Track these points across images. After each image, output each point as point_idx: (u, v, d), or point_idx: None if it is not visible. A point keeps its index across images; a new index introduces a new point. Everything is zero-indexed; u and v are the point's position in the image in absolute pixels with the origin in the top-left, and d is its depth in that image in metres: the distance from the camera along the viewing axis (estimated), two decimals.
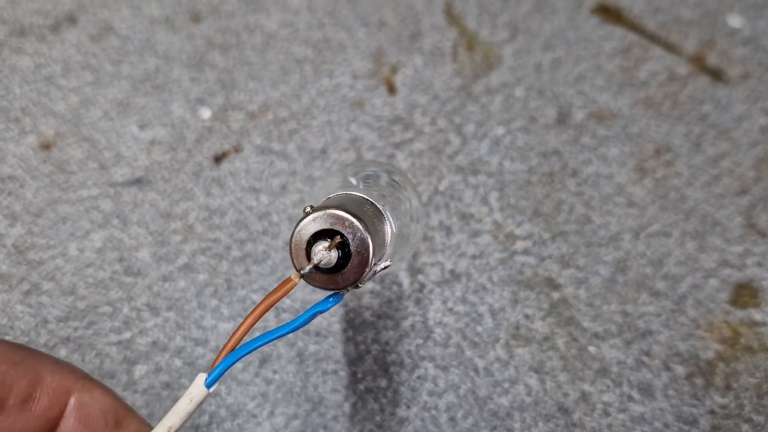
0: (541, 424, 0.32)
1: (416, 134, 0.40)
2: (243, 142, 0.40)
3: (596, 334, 0.34)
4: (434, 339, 0.34)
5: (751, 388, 0.32)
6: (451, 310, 0.34)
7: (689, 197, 0.38)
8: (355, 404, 0.32)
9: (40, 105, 0.41)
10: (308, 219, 0.19)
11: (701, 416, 0.32)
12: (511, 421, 0.32)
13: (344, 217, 0.19)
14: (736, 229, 0.37)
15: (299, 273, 0.19)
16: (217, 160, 0.39)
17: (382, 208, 0.21)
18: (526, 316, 0.34)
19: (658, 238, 0.36)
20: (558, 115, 0.41)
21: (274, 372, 0.33)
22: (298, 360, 0.33)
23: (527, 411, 0.32)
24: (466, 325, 0.34)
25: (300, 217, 0.19)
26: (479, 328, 0.34)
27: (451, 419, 0.32)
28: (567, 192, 0.38)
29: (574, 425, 0.31)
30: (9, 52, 0.43)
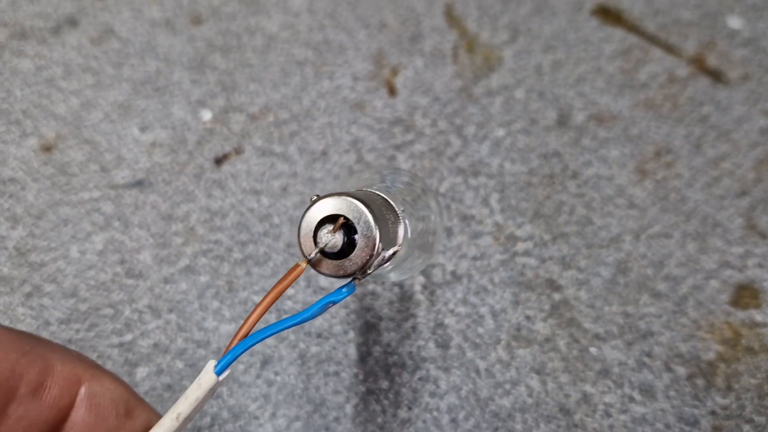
0: (542, 425, 0.32)
1: (417, 136, 0.40)
2: (244, 144, 0.40)
3: (597, 336, 0.34)
4: (435, 340, 0.34)
5: (752, 389, 0.32)
6: (452, 311, 0.34)
7: (690, 199, 0.38)
8: (356, 406, 0.32)
9: (41, 107, 0.41)
10: (314, 206, 0.19)
11: (702, 417, 0.32)
12: (512, 422, 0.32)
13: (349, 201, 0.19)
14: (736, 230, 0.37)
15: (306, 259, 0.19)
16: (218, 162, 0.39)
17: (397, 209, 0.21)
18: (528, 317, 0.34)
19: (658, 240, 0.36)
20: (558, 117, 0.41)
21: (276, 374, 0.33)
22: (299, 362, 0.33)
23: (529, 412, 0.32)
24: (468, 327, 0.34)
25: (307, 206, 0.19)
26: (480, 330, 0.34)
27: (453, 420, 0.32)
28: (568, 194, 0.38)
29: (576, 426, 0.31)
30: (10, 54, 0.43)
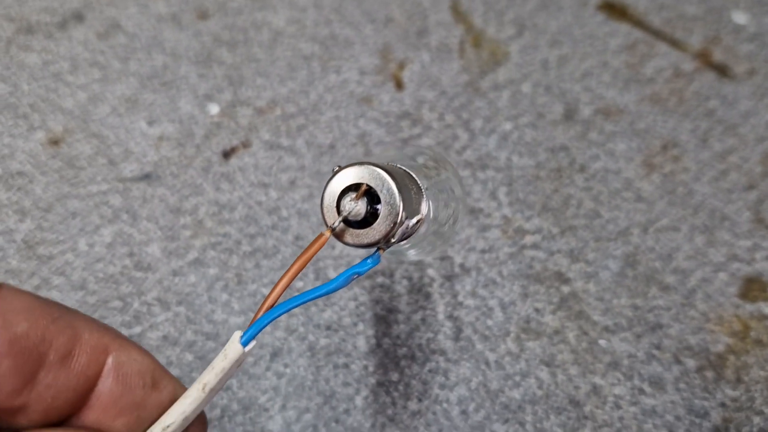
0: (552, 417, 0.32)
1: (424, 130, 0.40)
2: (251, 137, 0.40)
3: (606, 328, 0.34)
4: (445, 333, 0.34)
5: (761, 381, 0.32)
6: (461, 303, 0.34)
7: (697, 192, 0.38)
8: (366, 398, 0.32)
9: (48, 101, 0.41)
10: (336, 176, 0.19)
11: (712, 409, 0.32)
12: (522, 414, 0.32)
13: (371, 169, 0.19)
14: (744, 223, 0.37)
15: (330, 228, 0.19)
16: (226, 155, 0.39)
17: (422, 185, 0.21)
18: (537, 309, 0.34)
19: (666, 233, 0.36)
20: (565, 111, 0.41)
21: (286, 366, 0.33)
22: (309, 354, 0.33)
23: (539, 404, 0.32)
24: (477, 319, 0.34)
25: (329, 176, 0.19)
26: (490, 322, 0.34)
27: (463, 412, 0.32)
28: (575, 187, 0.38)
29: (586, 418, 0.31)
30: (17, 49, 0.43)
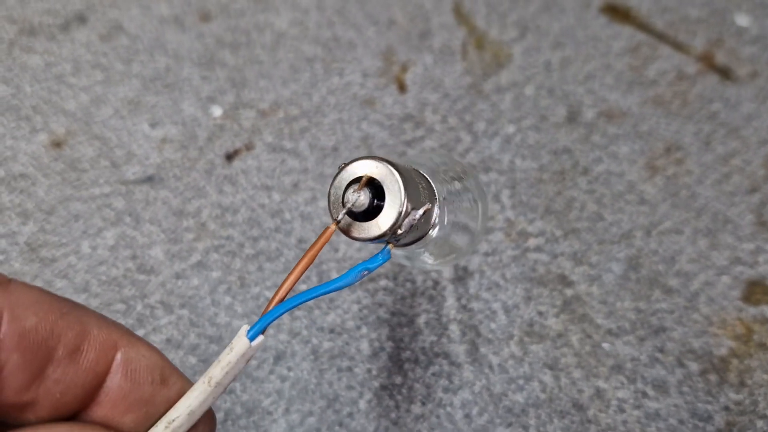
0: (556, 421, 0.32)
1: (427, 132, 0.40)
2: (254, 140, 0.40)
3: (610, 331, 0.34)
4: (448, 336, 0.34)
5: (765, 385, 0.32)
6: (464, 307, 0.34)
7: (700, 195, 0.38)
8: (370, 401, 0.32)
9: (50, 103, 0.41)
10: (342, 172, 0.19)
11: (716, 413, 0.32)
12: (526, 417, 0.32)
13: (376, 162, 0.19)
14: (747, 226, 0.37)
15: (335, 221, 0.19)
16: (229, 158, 0.39)
17: (437, 189, 0.21)
18: (540, 313, 0.34)
19: (669, 236, 0.36)
20: (568, 114, 0.41)
21: (289, 369, 0.33)
22: (312, 357, 0.33)
23: (542, 407, 0.32)
24: (480, 322, 0.34)
25: (335, 173, 0.19)
26: (493, 325, 0.34)
27: (467, 416, 0.32)
28: (578, 190, 0.38)
29: (589, 422, 0.31)
30: (19, 51, 0.43)
